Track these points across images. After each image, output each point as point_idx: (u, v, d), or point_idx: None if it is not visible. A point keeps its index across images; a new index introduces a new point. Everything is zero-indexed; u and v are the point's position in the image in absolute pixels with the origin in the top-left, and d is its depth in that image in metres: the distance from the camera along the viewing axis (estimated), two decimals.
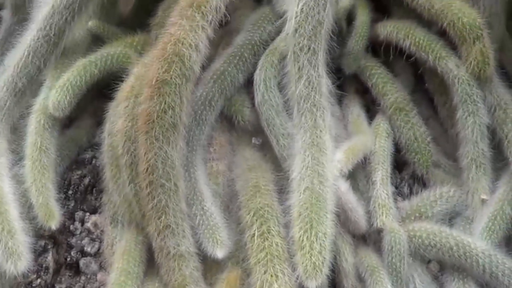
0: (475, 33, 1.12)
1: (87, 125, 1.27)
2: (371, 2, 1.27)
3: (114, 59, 1.22)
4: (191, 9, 1.07)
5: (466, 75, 1.13)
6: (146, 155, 1.01)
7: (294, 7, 1.05)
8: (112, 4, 1.33)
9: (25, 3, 1.38)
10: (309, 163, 1.02)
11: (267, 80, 1.14)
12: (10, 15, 1.43)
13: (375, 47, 1.26)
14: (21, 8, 1.39)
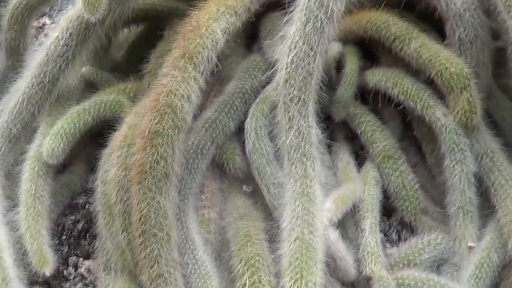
0: (462, 82, 1.14)
1: (80, 170, 1.29)
2: (360, 49, 1.28)
3: (107, 107, 1.24)
4: (184, 60, 1.09)
5: (453, 124, 1.15)
6: (139, 205, 1.02)
7: (284, 57, 1.06)
8: (105, 51, 1.35)
9: (19, 47, 1.41)
10: (299, 213, 1.02)
11: (258, 129, 1.16)
12: (5, 58, 1.45)
13: (364, 94, 1.27)
14: (15, 52, 1.42)
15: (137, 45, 1.42)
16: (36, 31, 1.71)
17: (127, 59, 1.41)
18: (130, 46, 1.44)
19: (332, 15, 1.07)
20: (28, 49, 1.41)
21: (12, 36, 1.41)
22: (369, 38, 1.27)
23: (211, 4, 1.17)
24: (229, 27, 1.16)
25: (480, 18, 1.18)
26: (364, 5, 1.28)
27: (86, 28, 1.20)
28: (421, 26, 1.25)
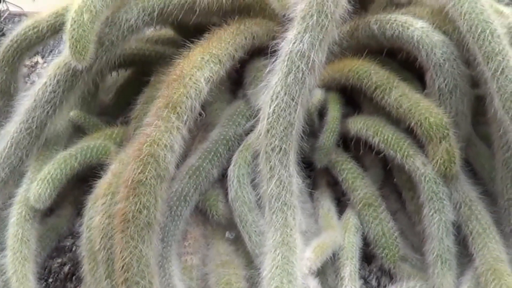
0: (441, 133, 1.15)
1: (67, 213, 1.30)
2: (342, 96, 1.30)
3: (94, 152, 1.26)
4: (167, 109, 1.11)
5: (432, 174, 1.16)
6: (122, 253, 1.03)
7: (266, 107, 1.09)
8: (93, 95, 1.37)
9: (10, 89, 1.44)
10: (279, 262, 1.04)
11: (241, 177, 1.18)
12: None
13: (346, 140, 1.29)
14: (6, 93, 1.44)
15: (125, 88, 1.45)
16: (28, 70, 1.73)
17: (115, 103, 1.44)
18: (119, 89, 1.46)
19: (313, 66, 1.09)
20: (19, 91, 1.43)
21: (3, 78, 1.42)
22: (351, 86, 1.28)
23: (196, 53, 1.19)
24: (213, 75, 1.18)
25: (459, 68, 1.19)
26: (347, 52, 1.30)
27: (73, 75, 1.22)
28: (403, 74, 1.26)
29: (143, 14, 1.24)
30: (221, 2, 1.29)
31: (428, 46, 1.19)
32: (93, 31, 1.16)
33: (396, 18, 1.24)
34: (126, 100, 1.36)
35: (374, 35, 1.26)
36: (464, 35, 1.16)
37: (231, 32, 1.26)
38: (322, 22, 1.10)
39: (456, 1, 1.16)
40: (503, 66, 1.10)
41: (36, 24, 1.34)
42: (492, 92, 1.12)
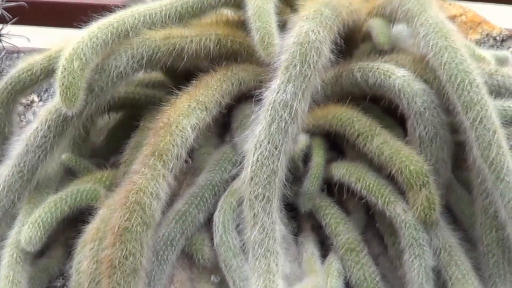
0: (421, 180, 1.18)
1: (58, 254, 1.33)
2: (327, 141, 1.33)
3: (84, 196, 1.29)
4: (153, 157, 1.15)
5: (412, 220, 1.18)
6: None
7: (250, 155, 1.12)
8: (83, 139, 1.41)
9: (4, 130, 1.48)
10: None
11: (226, 223, 1.21)
12: None
13: (330, 185, 1.32)
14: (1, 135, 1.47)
15: (116, 131, 1.48)
16: (24, 108, 1.76)
17: (107, 144, 1.47)
18: (110, 131, 1.49)
19: (296, 116, 1.13)
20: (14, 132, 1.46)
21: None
22: (335, 132, 1.31)
23: (183, 100, 1.23)
24: (199, 123, 1.22)
25: (440, 116, 1.22)
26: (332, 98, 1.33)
27: (64, 121, 1.25)
28: (386, 121, 1.29)
29: (132, 61, 1.28)
30: (208, 48, 1.33)
31: (409, 95, 1.22)
32: (83, 78, 1.20)
33: (378, 66, 1.27)
34: (117, 142, 1.39)
35: (357, 82, 1.30)
36: (444, 84, 1.18)
37: (218, 79, 1.30)
38: (305, 72, 1.14)
39: (436, 50, 1.19)
40: (481, 116, 1.13)
41: (30, 67, 1.37)
42: (471, 140, 1.15)
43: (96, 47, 1.22)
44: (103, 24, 1.25)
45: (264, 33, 1.21)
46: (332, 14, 1.22)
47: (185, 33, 1.32)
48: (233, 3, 1.38)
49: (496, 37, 1.87)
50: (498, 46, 1.84)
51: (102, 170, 1.36)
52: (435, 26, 1.22)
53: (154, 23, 1.31)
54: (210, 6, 1.37)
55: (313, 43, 1.15)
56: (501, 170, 1.12)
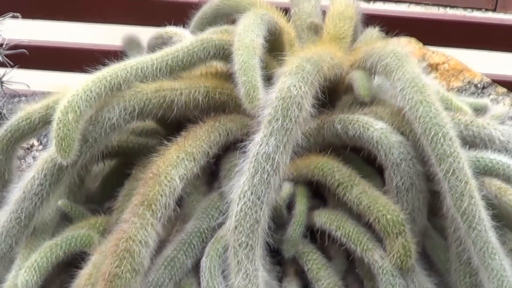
0: (397, 229, 1.23)
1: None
2: (310, 189, 1.39)
3: (78, 242, 1.33)
4: (142, 207, 1.19)
5: (389, 267, 1.23)
6: None
7: (234, 205, 1.17)
8: (79, 186, 1.46)
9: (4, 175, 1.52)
10: None
11: (212, 268, 1.25)
12: None
13: (312, 232, 1.37)
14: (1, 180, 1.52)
15: (110, 177, 1.52)
16: (24, 152, 1.83)
17: (101, 191, 1.52)
18: (104, 178, 1.54)
19: (278, 167, 1.18)
20: (13, 176, 1.52)
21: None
22: (317, 181, 1.37)
23: (172, 151, 1.28)
24: (187, 173, 1.27)
25: (415, 167, 1.27)
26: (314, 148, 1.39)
27: (59, 170, 1.30)
28: (365, 170, 1.35)
29: (125, 113, 1.32)
30: (197, 100, 1.38)
31: (387, 147, 1.27)
32: (77, 130, 1.25)
33: (358, 118, 1.32)
34: (111, 189, 1.44)
35: (338, 134, 1.35)
36: (419, 137, 1.24)
37: (206, 129, 1.35)
38: (286, 126, 1.19)
39: (412, 104, 1.24)
40: (454, 168, 1.18)
41: (29, 116, 1.43)
42: (445, 191, 1.20)
43: (90, 100, 1.27)
44: (97, 78, 1.30)
45: (249, 87, 1.27)
46: (314, 69, 1.27)
47: (175, 86, 1.37)
48: (222, 56, 1.43)
49: (477, 84, 1.93)
50: (479, 93, 1.90)
51: (96, 216, 1.41)
52: (411, 81, 1.27)
53: (145, 76, 1.35)
54: (199, 60, 1.41)
55: (294, 98, 1.20)
56: (473, 219, 1.17)
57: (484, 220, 1.18)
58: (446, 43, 2.24)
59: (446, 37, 2.29)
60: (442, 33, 2.36)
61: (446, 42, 2.24)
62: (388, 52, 1.34)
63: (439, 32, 2.37)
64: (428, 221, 1.35)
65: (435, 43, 2.10)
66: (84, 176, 1.46)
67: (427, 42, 2.06)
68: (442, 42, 2.19)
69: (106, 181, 1.55)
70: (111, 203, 1.44)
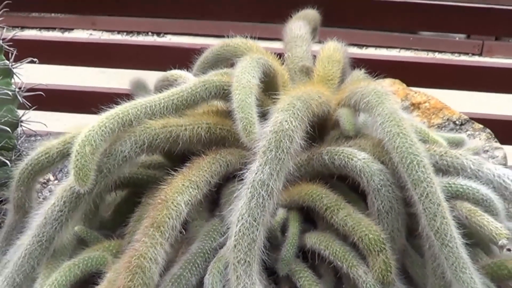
0: (379, 247, 1.35)
1: None
2: (301, 214, 1.51)
3: (94, 262, 1.45)
4: (152, 228, 1.32)
5: (372, 281, 1.35)
6: None
7: (234, 226, 1.30)
8: (94, 214, 1.58)
9: (25, 204, 1.64)
10: None
11: (214, 284, 1.37)
12: (13, 213, 1.68)
13: (304, 252, 1.50)
14: (21, 208, 1.64)
15: (122, 206, 1.65)
16: (41, 186, 1.96)
17: (114, 218, 1.64)
18: (116, 207, 1.67)
19: (272, 193, 1.30)
20: (33, 207, 1.66)
21: (19, 196, 1.63)
22: (307, 206, 1.51)
23: (178, 180, 1.42)
24: (191, 199, 1.40)
25: (394, 192, 1.40)
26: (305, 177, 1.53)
27: (77, 197, 1.43)
28: (350, 196, 1.47)
29: (135, 147, 1.45)
30: (200, 135, 1.52)
31: (368, 174, 1.40)
32: (93, 161, 1.37)
33: (343, 150, 1.46)
34: (122, 216, 1.57)
35: (326, 164, 1.48)
36: (397, 165, 1.37)
37: (208, 161, 1.49)
38: (279, 156, 1.32)
39: (390, 136, 1.38)
40: (427, 192, 1.31)
41: (48, 151, 1.56)
42: (420, 212, 1.32)
43: (105, 135, 1.39)
44: (111, 115, 1.43)
45: (246, 123, 1.40)
46: (303, 106, 1.40)
47: (180, 122, 1.50)
48: (222, 96, 1.57)
49: (455, 121, 2.07)
50: (457, 129, 2.04)
51: (110, 240, 1.53)
52: (390, 115, 1.39)
53: (153, 114, 1.48)
54: (201, 99, 1.55)
55: (286, 132, 1.34)
56: (445, 237, 1.28)
57: (455, 238, 1.30)
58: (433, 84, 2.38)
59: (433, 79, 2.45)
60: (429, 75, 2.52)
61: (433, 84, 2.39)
62: (370, 90, 1.48)
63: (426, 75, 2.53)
64: (407, 240, 1.47)
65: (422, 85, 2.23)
66: (99, 204, 1.58)
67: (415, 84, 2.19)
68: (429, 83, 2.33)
69: (118, 210, 1.67)
70: (122, 229, 1.56)
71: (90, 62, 2.86)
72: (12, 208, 1.69)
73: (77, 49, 2.83)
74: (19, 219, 1.66)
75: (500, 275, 1.48)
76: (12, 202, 1.68)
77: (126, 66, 2.76)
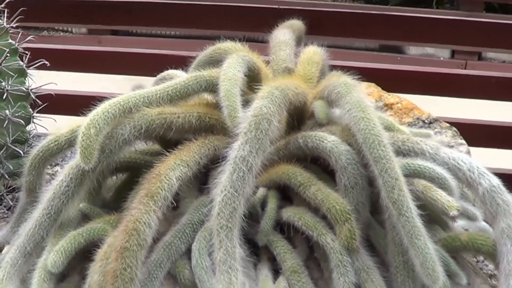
0: (344, 217, 1.47)
1: (75, 280, 1.60)
2: (279, 192, 1.66)
3: (96, 232, 1.59)
4: (147, 198, 1.47)
5: (339, 247, 1.47)
6: None
7: (217, 197, 1.44)
8: (97, 193, 1.73)
9: (35, 187, 1.79)
10: None
11: (200, 250, 1.51)
12: (25, 196, 1.83)
13: (281, 225, 1.64)
14: (32, 191, 1.79)
15: (122, 188, 1.79)
16: (49, 177, 2.11)
17: (115, 199, 1.78)
18: (117, 189, 1.82)
19: (251, 168, 1.45)
20: (43, 189, 1.80)
21: (31, 180, 1.78)
22: (284, 184, 1.65)
23: (170, 159, 1.57)
24: (182, 175, 1.55)
25: (359, 170, 1.53)
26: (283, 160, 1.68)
27: (82, 174, 1.58)
28: (322, 176, 1.60)
29: (134, 130, 1.60)
30: (191, 122, 1.68)
31: (337, 154, 1.52)
32: (97, 142, 1.49)
33: (315, 134, 1.60)
34: (123, 197, 1.70)
35: (300, 146, 1.62)
36: (361, 146, 1.48)
37: (198, 145, 1.64)
38: (258, 136, 1.46)
39: (355, 121, 1.51)
40: (386, 167, 1.42)
41: (57, 138, 1.71)
42: (380, 186, 1.45)
43: (107, 119, 1.52)
44: (113, 102, 1.58)
45: (230, 110, 1.57)
46: (281, 94, 1.54)
47: (174, 111, 1.64)
48: (211, 89, 1.73)
49: (424, 120, 2.23)
50: (426, 127, 2.21)
51: (110, 215, 1.67)
52: (356, 103, 1.53)
53: (150, 103, 1.63)
54: (193, 91, 1.72)
55: (265, 115, 1.47)
56: (402, 207, 1.41)
57: (411, 208, 1.41)
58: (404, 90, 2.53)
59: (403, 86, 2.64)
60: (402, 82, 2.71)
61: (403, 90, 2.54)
62: (340, 82, 1.64)
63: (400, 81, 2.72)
64: (372, 216, 1.62)
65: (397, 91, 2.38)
66: (102, 183, 1.74)
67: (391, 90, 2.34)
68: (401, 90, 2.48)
69: (118, 191, 1.83)
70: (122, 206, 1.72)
71: (94, 69, 3.10)
72: (24, 191, 1.85)
73: (86, 57, 3.06)
74: (30, 202, 1.80)
75: (454, 247, 1.63)
76: (24, 185, 1.83)
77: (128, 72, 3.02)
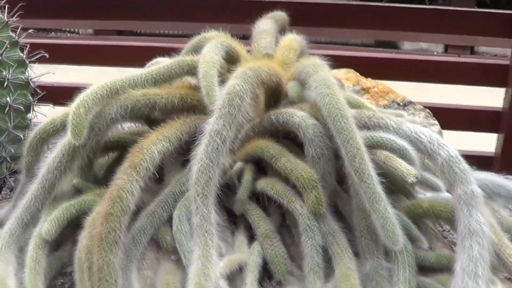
0: (312, 184, 1.57)
1: (68, 249, 1.68)
2: (255, 166, 1.78)
3: (86, 203, 1.70)
4: (130, 168, 1.56)
5: (306, 213, 1.57)
6: (97, 261, 1.43)
7: (194, 167, 1.55)
8: (88, 169, 1.86)
9: (34, 168, 1.89)
10: (199, 268, 1.43)
11: (180, 217, 1.62)
12: (24, 176, 1.93)
13: (256, 195, 1.75)
14: (31, 171, 1.89)
15: (112, 166, 1.87)
16: None
17: (106, 176, 1.84)
18: (108, 167, 1.93)
19: (225, 140, 1.55)
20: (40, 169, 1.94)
21: (29, 160, 1.88)
22: (258, 158, 1.76)
23: (153, 134, 1.67)
24: (163, 149, 1.65)
25: (325, 142, 1.62)
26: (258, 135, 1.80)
27: (73, 150, 1.69)
28: (293, 149, 1.71)
29: (120, 110, 1.71)
30: (174, 103, 1.80)
31: (305, 128, 1.62)
32: (86, 120, 1.59)
33: (286, 110, 1.70)
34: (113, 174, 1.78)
35: (273, 123, 1.71)
36: (326, 119, 1.56)
37: (179, 123, 1.75)
38: (231, 111, 1.56)
39: (321, 96, 1.59)
40: (348, 138, 1.51)
41: (53, 121, 1.82)
42: (343, 156, 1.51)
43: (96, 100, 1.63)
44: (101, 85, 1.69)
45: (208, 89, 1.69)
46: (254, 74, 1.62)
47: (158, 92, 1.74)
48: (192, 72, 1.83)
49: (399, 103, 2.34)
50: (401, 109, 2.31)
51: (100, 189, 1.80)
52: (322, 81, 1.60)
53: (136, 85, 1.73)
54: (176, 75, 1.84)
55: (237, 93, 1.57)
56: (363, 175, 1.49)
57: (372, 176, 1.49)
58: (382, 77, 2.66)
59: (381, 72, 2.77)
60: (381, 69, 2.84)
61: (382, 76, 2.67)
62: (310, 63, 1.75)
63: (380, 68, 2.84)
64: (338, 186, 1.73)
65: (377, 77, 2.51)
66: (93, 160, 1.87)
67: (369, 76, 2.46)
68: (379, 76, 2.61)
69: (109, 169, 1.93)
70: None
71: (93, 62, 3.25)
72: (23, 171, 1.96)
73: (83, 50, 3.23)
74: (29, 180, 1.90)
75: (416, 213, 1.75)
76: (23, 165, 1.95)
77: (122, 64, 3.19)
